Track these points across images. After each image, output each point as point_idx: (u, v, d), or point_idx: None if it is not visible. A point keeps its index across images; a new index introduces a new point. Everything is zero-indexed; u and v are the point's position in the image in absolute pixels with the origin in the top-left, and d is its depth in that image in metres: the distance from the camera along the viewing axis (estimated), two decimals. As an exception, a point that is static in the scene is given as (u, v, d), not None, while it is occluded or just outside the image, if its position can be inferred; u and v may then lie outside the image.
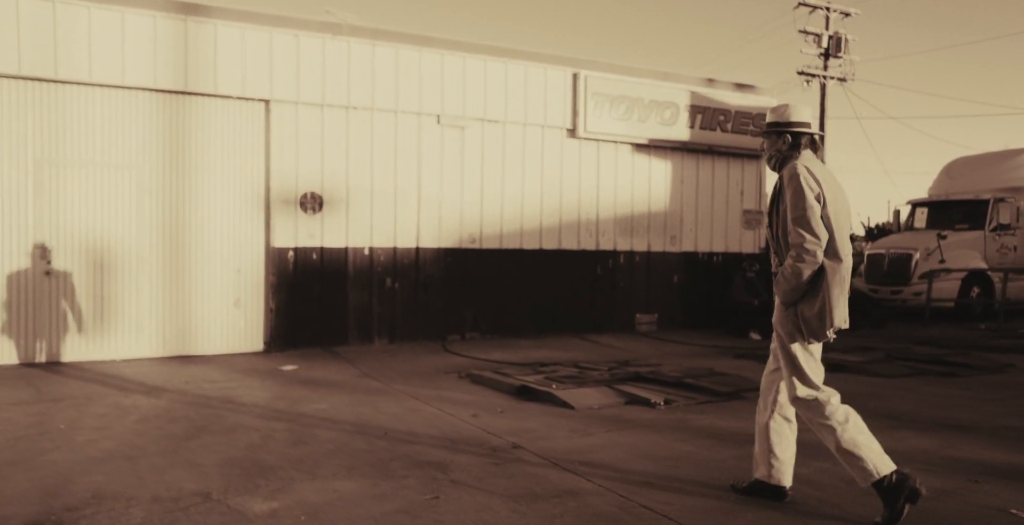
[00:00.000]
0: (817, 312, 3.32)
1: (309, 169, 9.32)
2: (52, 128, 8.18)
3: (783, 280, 3.39)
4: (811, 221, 3.32)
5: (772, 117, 3.66)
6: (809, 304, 3.35)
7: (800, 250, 3.33)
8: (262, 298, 9.20)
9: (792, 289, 3.37)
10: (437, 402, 6.27)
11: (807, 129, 3.57)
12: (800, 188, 3.36)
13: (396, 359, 8.84)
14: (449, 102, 10.11)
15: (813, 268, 3.33)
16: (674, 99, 11.57)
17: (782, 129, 3.59)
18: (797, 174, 3.40)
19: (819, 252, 3.33)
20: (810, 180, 3.38)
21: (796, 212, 3.36)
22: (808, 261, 3.32)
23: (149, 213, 8.62)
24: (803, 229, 3.33)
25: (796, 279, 3.34)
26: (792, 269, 3.34)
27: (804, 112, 3.62)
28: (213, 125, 8.92)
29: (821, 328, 3.34)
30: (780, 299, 3.47)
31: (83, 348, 8.35)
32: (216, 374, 7.69)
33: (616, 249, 11.52)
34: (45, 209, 8.16)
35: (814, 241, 3.32)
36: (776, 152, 3.61)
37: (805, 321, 3.36)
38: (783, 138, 3.58)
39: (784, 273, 3.39)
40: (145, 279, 8.60)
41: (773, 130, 3.62)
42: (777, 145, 3.60)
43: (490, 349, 9.64)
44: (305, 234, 9.31)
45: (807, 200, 3.34)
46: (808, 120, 3.62)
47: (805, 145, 3.55)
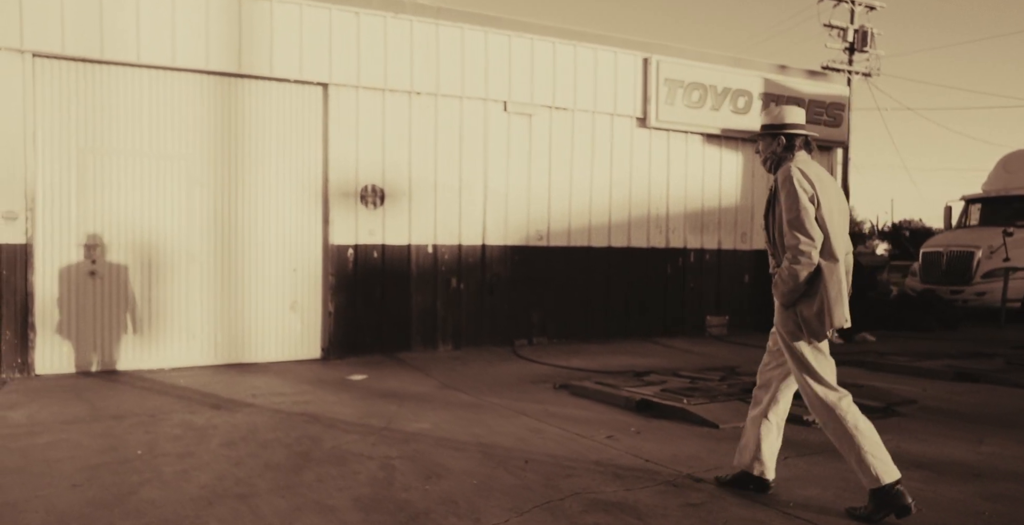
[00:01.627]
0: (816, 312, 3.35)
1: (369, 159, 8.56)
2: (96, 114, 7.42)
3: (781, 282, 3.43)
4: (805, 223, 3.35)
5: (766, 119, 3.70)
6: (808, 305, 3.39)
7: (796, 252, 3.35)
8: (319, 300, 8.44)
9: (790, 291, 3.40)
10: (552, 419, 5.51)
11: (800, 130, 3.61)
12: (794, 190, 3.39)
13: (469, 367, 8.09)
14: (516, 88, 9.35)
15: (809, 269, 3.35)
16: (747, 86, 10.82)
17: (776, 131, 3.62)
18: (791, 176, 3.43)
19: (814, 253, 3.34)
20: (804, 182, 3.41)
21: (790, 214, 3.39)
22: (804, 263, 3.34)
23: (200, 207, 7.85)
24: (798, 231, 3.36)
25: (793, 281, 3.36)
26: (789, 271, 3.37)
27: (798, 114, 3.66)
28: (268, 111, 8.15)
29: (821, 328, 3.37)
30: (779, 301, 3.50)
31: (133, 356, 7.58)
32: (282, 385, 6.93)
33: (686, 247, 10.77)
34: (89, 203, 7.40)
35: (809, 243, 3.34)
36: (771, 154, 3.65)
37: (805, 321, 3.39)
38: (777, 140, 3.62)
39: (781, 275, 3.42)
40: (196, 280, 7.84)
41: (768, 132, 3.66)
42: (772, 147, 3.64)
43: (563, 355, 8.89)
44: (366, 230, 8.55)
45: (801, 202, 3.37)
46: (801, 121, 3.65)
47: (799, 146, 3.59)
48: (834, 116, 11.59)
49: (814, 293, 3.37)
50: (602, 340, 10.05)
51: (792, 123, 3.64)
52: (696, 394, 5.77)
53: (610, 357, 8.85)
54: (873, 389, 6.30)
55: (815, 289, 3.37)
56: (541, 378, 7.45)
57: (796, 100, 11.21)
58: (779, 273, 3.45)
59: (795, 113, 3.66)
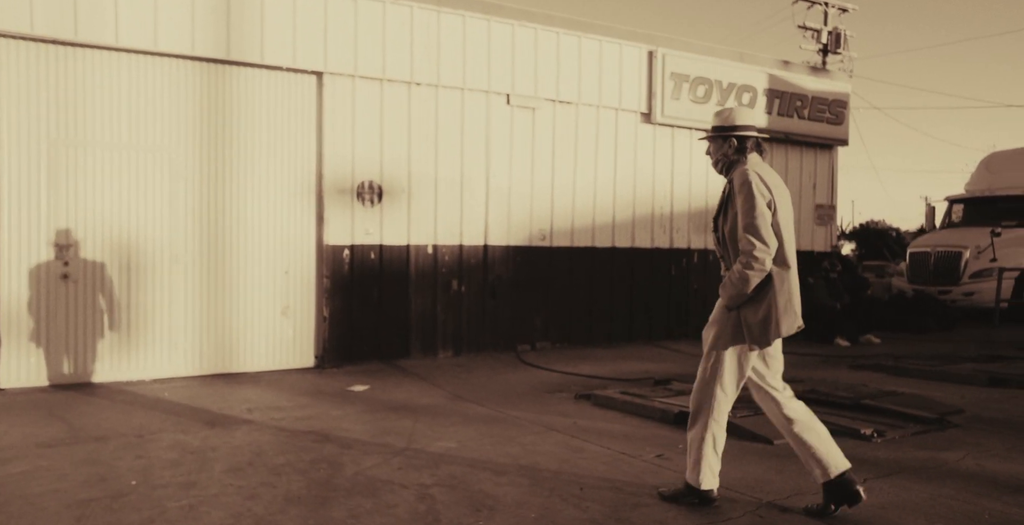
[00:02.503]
0: (761, 319, 3.29)
1: (367, 154, 8.01)
2: (70, 102, 6.76)
3: (730, 285, 3.34)
4: (761, 229, 3.28)
5: (716, 121, 3.61)
6: (753, 310, 3.31)
7: (750, 257, 3.27)
8: (313, 305, 7.86)
9: (737, 295, 3.32)
10: (588, 436, 5.05)
11: (752, 132, 3.52)
12: (752, 194, 3.31)
13: (475, 375, 7.60)
14: (520, 80, 8.88)
15: (762, 276, 3.28)
16: (752, 82, 10.50)
17: (727, 133, 3.53)
18: (749, 181, 3.35)
19: (768, 260, 3.28)
20: (762, 187, 3.34)
21: (747, 219, 3.31)
22: (757, 269, 3.27)
23: (184, 204, 7.23)
24: (754, 236, 3.28)
25: (743, 285, 3.29)
26: (740, 275, 3.29)
27: (749, 115, 3.58)
28: (258, 101, 7.56)
29: (764, 336, 3.30)
30: (724, 303, 3.42)
31: (110, 366, 6.93)
32: (277, 398, 6.36)
33: (690, 247, 10.41)
34: (61, 200, 6.73)
35: (764, 249, 3.26)
36: (723, 156, 3.56)
37: (748, 327, 3.31)
38: (728, 142, 3.53)
39: (731, 279, 3.34)
40: (179, 283, 7.21)
41: (718, 134, 3.57)
42: (723, 149, 3.55)
43: (570, 361, 8.45)
44: (362, 230, 8.00)
45: (759, 207, 3.29)
46: (752, 123, 3.56)
47: (751, 149, 3.51)
48: (836, 113, 11.34)
49: (761, 299, 3.30)
50: (606, 344, 9.63)
51: (743, 125, 3.53)
52: (737, 405, 5.35)
53: (620, 363, 8.43)
54: (913, 397, 5.96)
55: (763, 296, 3.30)
56: (555, 387, 7.00)
57: (799, 96, 10.93)
58: (729, 276, 3.37)
59: (746, 115, 3.57)
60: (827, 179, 11.75)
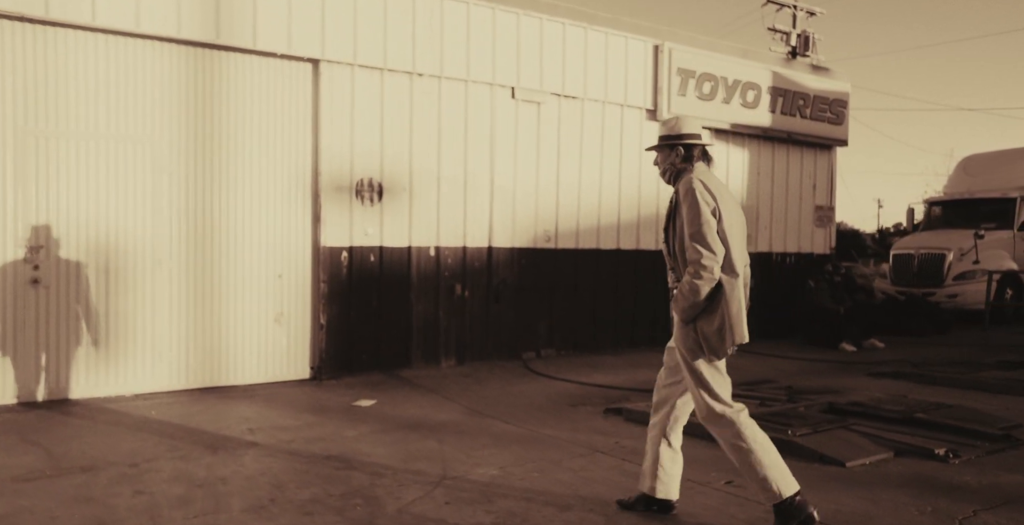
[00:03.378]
0: (716, 328, 3.25)
1: (366, 149, 7.45)
2: (40, 86, 6.06)
3: (681, 297, 3.31)
4: (707, 237, 3.24)
5: (663, 130, 3.59)
6: (708, 321, 3.28)
7: (698, 266, 3.23)
8: (309, 311, 7.27)
9: (691, 306, 3.28)
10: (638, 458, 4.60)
11: (698, 141, 3.51)
12: (696, 203, 3.29)
13: (485, 387, 7.10)
14: (525, 72, 8.40)
15: (711, 285, 3.24)
16: (756, 79, 10.20)
17: (674, 142, 3.52)
18: (693, 189, 3.32)
19: (717, 268, 3.23)
20: (706, 194, 3.31)
21: (693, 227, 3.28)
22: (706, 277, 3.23)
23: (168, 201, 6.58)
24: (700, 245, 3.24)
25: (694, 296, 3.25)
26: (690, 286, 3.25)
27: (695, 124, 3.57)
28: (249, 89, 6.94)
29: (721, 345, 3.26)
30: (679, 317, 3.39)
31: (87, 381, 6.25)
32: (279, 415, 5.78)
33: (694, 249, 10.04)
34: (31, 196, 6.03)
35: (711, 257, 3.23)
36: (670, 166, 3.56)
37: (705, 338, 3.28)
38: (675, 151, 3.52)
39: (682, 290, 3.30)
40: (163, 288, 6.55)
41: (665, 143, 3.56)
42: (670, 158, 3.55)
43: (581, 369, 8.01)
44: (361, 230, 7.43)
45: (703, 215, 3.26)
46: (699, 132, 3.55)
47: (698, 157, 3.50)
48: (837, 113, 11.13)
49: (715, 309, 3.26)
50: (613, 351, 9.21)
51: (689, 134, 3.51)
52: (795, 422, 4.97)
53: (632, 372, 8.02)
54: (965, 410, 5.66)
55: (716, 305, 3.25)
56: (576, 399, 6.55)
57: (802, 95, 10.68)
58: (679, 288, 3.32)
59: (692, 124, 3.56)
60: (826, 180, 11.54)
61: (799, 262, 11.22)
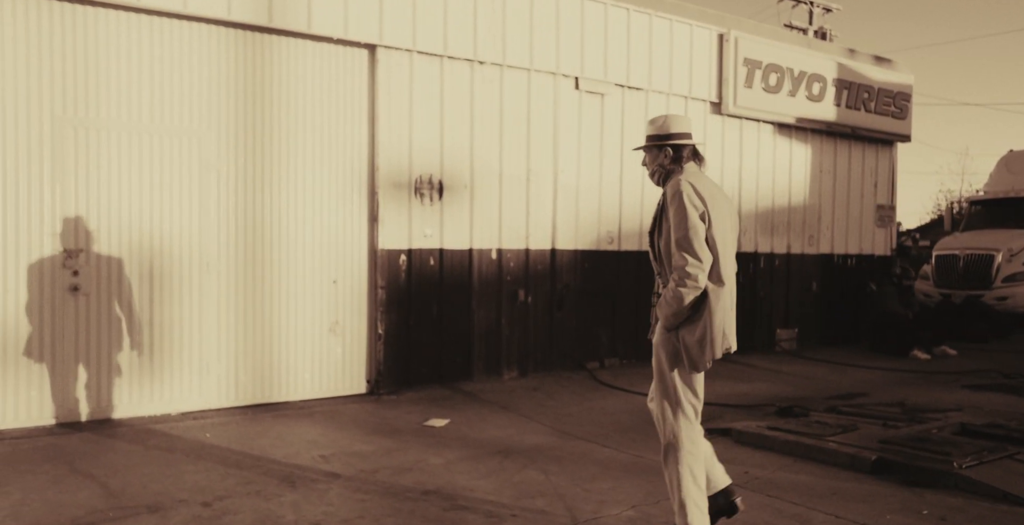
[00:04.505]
0: (698, 339, 3.11)
1: (425, 143, 6.86)
2: (80, 72, 5.46)
3: (665, 304, 3.16)
4: (694, 243, 3.08)
5: (651, 130, 3.40)
6: (690, 330, 3.13)
7: (682, 274, 3.08)
8: (365, 320, 6.67)
9: (674, 314, 3.13)
10: (785, 493, 4.03)
11: (688, 141, 3.33)
12: (683, 206, 3.10)
13: (559, 402, 6.52)
14: (589, 61, 7.82)
15: (696, 293, 3.09)
16: (822, 71, 9.63)
17: (663, 142, 3.34)
18: (680, 191, 3.13)
19: (702, 276, 3.09)
20: (694, 198, 3.12)
21: (679, 233, 3.11)
22: (691, 286, 3.08)
23: (216, 200, 5.98)
24: (686, 252, 3.08)
25: (678, 304, 3.10)
26: (674, 294, 3.10)
27: (684, 123, 3.38)
28: (303, 78, 6.34)
29: (700, 356, 3.12)
30: (662, 323, 3.24)
31: (130, 398, 5.65)
32: (349, 438, 5.19)
33: (757, 251, 9.48)
34: (69, 194, 5.43)
35: (697, 265, 3.07)
36: (659, 167, 3.37)
37: (686, 348, 3.14)
38: (664, 151, 3.33)
39: (667, 297, 3.15)
40: (210, 295, 5.96)
41: (653, 143, 3.37)
42: (659, 159, 3.36)
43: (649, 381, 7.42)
44: (420, 231, 6.84)
45: (690, 220, 3.09)
46: (689, 131, 3.36)
47: (688, 158, 3.32)
48: (900, 107, 10.56)
49: (698, 319, 3.10)
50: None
51: (678, 133, 3.32)
52: (950, 450, 4.38)
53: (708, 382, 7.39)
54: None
55: (699, 315, 3.10)
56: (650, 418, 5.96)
57: (866, 88, 10.10)
58: (664, 294, 3.17)
59: (681, 122, 3.36)
60: (888, 177, 10.97)
61: (860, 264, 10.65)
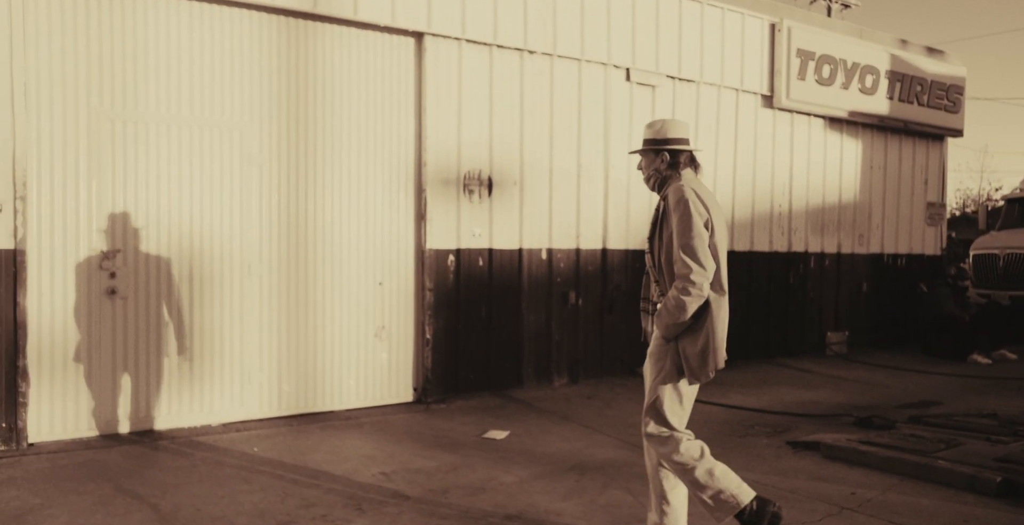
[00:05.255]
0: (700, 350, 3.00)
1: (474, 137, 6.50)
2: (117, 63, 5.12)
3: (666, 314, 3.02)
4: (698, 250, 2.98)
5: (648, 133, 3.29)
6: (691, 340, 3.02)
7: (687, 282, 2.97)
8: (412, 324, 6.31)
9: (675, 324, 3.01)
10: (909, 519, 3.65)
11: (686, 146, 3.24)
12: (689, 213, 3.00)
13: (616, 410, 6.15)
14: (641, 51, 7.45)
15: (700, 302, 2.98)
16: (875, 62, 9.23)
17: (660, 146, 3.23)
18: (686, 198, 3.03)
19: (707, 285, 2.98)
20: (699, 205, 3.03)
21: (684, 240, 2.99)
22: (695, 294, 2.97)
23: (258, 198, 5.63)
24: (691, 259, 2.97)
25: (680, 313, 2.98)
26: (676, 302, 2.98)
27: (683, 129, 3.27)
28: (349, 68, 5.99)
29: (703, 368, 3.01)
30: (661, 333, 3.10)
31: (170, 409, 5.31)
32: (406, 452, 4.83)
33: (807, 251, 9.09)
34: (106, 191, 5.09)
35: (702, 272, 2.97)
36: (655, 172, 3.28)
37: (687, 359, 3.02)
38: (660, 156, 3.24)
39: (668, 306, 3.02)
40: (253, 298, 5.61)
41: (650, 147, 3.26)
42: (655, 164, 3.26)
43: (707, 388, 7.03)
44: (469, 230, 6.48)
45: (696, 227, 2.98)
46: (687, 137, 3.26)
47: (685, 164, 3.23)
48: (953, 101, 10.15)
49: (699, 328, 3.02)
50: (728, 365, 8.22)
51: (676, 138, 3.22)
52: None
53: (770, 390, 7.07)
54: None
55: (701, 324, 3.02)
56: (735, 427, 5.60)
57: (919, 80, 9.70)
58: (664, 303, 3.06)
59: (679, 127, 3.26)
60: (938, 174, 10.57)
61: (910, 264, 10.25)
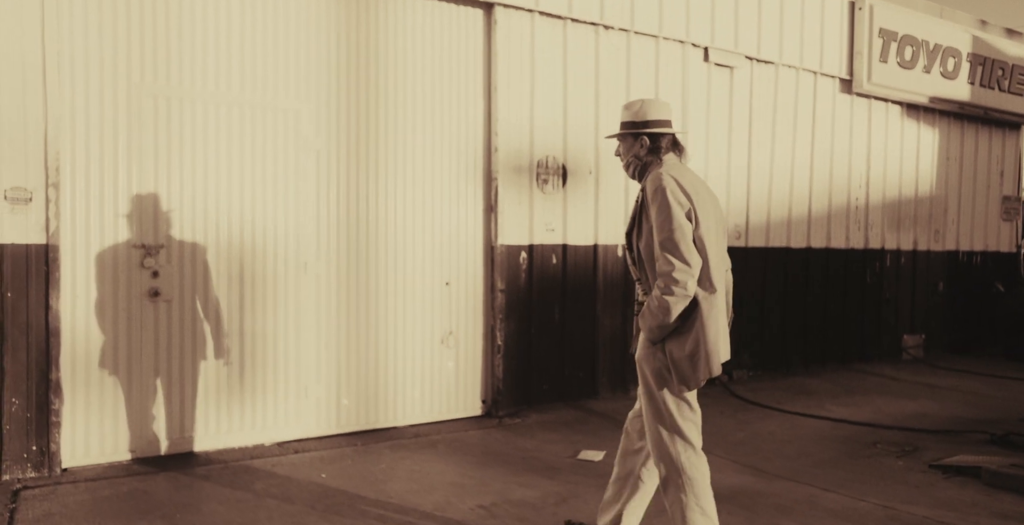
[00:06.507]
0: (689, 354, 2.68)
1: (547, 120, 5.85)
2: (160, 35, 4.47)
3: (650, 315, 2.72)
4: (680, 245, 2.66)
5: (626, 115, 2.95)
6: (679, 343, 2.70)
7: (668, 280, 2.65)
8: (480, 328, 5.67)
9: (659, 326, 2.71)
10: None
11: (668, 129, 2.90)
12: (667, 204, 2.69)
13: (710, 423, 5.38)
14: (720, 30, 6.79)
15: (685, 302, 2.66)
16: (956, 44, 8.57)
17: (639, 130, 2.90)
18: (663, 187, 2.72)
19: (691, 283, 2.66)
20: (679, 194, 2.71)
21: (663, 234, 2.69)
22: (678, 294, 2.65)
23: (315, 188, 4.98)
24: (672, 255, 2.66)
25: (664, 315, 2.67)
26: (660, 303, 2.67)
27: (664, 109, 2.92)
28: (411, 42, 5.34)
29: (693, 373, 2.69)
30: (646, 336, 2.79)
31: (218, 426, 4.66)
32: (499, 479, 4.19)
33: (884, 247, 8.44)
34: (148, 177, 4.44)
35: (685, 269, 2.65)
36: (634, 158, 2.94)
37: (675, 364, 2.71)
38: (640, 141, 2.90)
39: (650, 307, 2.71)
40: (309, 300, 4.96)
41: (628, 131, 2.93)
42: (634, 149, 2.93)
43: (792, 396, 6.44)
44: (542, 224, 5.84)
45: (676, 220, 2.67)
46: (668, 118, 2.91)
47: (667, 148, 2.89)
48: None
49: (687, 330, 2.68)
50: (804, 371, 7.61)
51: (656, 120, 2.91)
52: None
53: (862, 399, 6.43)
54: None
55: (689, 326, 2.67)
56: (853, 445, 4.96)
57: (1000, 64, 9.04)
58: (647, 303, 2.73)
59: (661, 108, 2.93)
60: (1014, 165, 9.90)
61: (986, 262, 9.59)
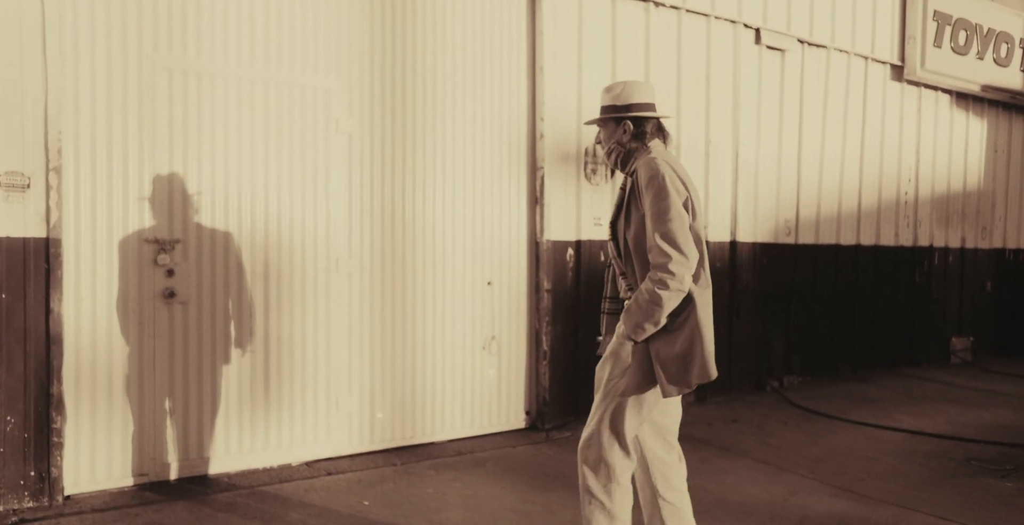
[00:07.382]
0: (679, 353, 2.43)
1: (595, 103, 5.34)
2: (176, 1, 3.95)
3: (637, 310, 2.43)
4: (678, 236, 2.40)
5: (607, 99, 2.68)
6: (668, 342, 2.45)
7: (664, 273, 2.39)
8: (524, 332, 5.17)
9: (648, 323, 2.42)
10: None
11: (652, 113, 2.63)
12: (665, 192, 2.44)
13: (778, 438, 5.02)
14: (772, 9, 6.32)
15: (680, 296, 2.42)
16: (1009, 29, 8.13)
17: (621, 114, 2.63)
18: (661, 174, 2.46)
19: (688, 276, 2.42)
20: (676, 182, 2.48)
21: (660, 223, 2.43)
22: (673, 287, 2.39)
23: (347, 175, 4.46)
24: (670, 246, 2.40)
25: (655, 310, 2.40)
26: (652, 297, 2.39)
27: (648, 92, 2.65)
28: (453, 20, 4.83)
29: (684, 377, 2.43)
30: (629, 334, 2.47)
31: (240, 445, 4.14)
32: (559, 504, 3.70)
33: (932, 245, 7.98)
34: (162, 162, 3.91)
35: (683, 262, 2.39)
36: (616, 145, 2.67)
37: (663, 365, 2.44)
38: (623, 126, 2.64)
39: (640, 301, 2.43)
40: (340, 302, 4.44)
41: (610, 115, 2.66)
42: (616, 135, 2.66)
43: (850, 405, 5.99)
44: (590, 218, 5.33)
45: (674, 208, 2.43)
46: (653, 101, 2.64)
47: (652, 133, 2.64)
48: None
49: (679, 328, 2.44)
50: (852, 376, 7.15)
51: (640, 103, 2.60)
52: None
53: (928, 408, 5.97)
54: None
55: (682, 324, 2.44)
56: (943, 461, 4.50)
57: (1051, 52, 8.59)
58: (636, 297, 2.44)
59: (644, 91, 2.62)
60: (1058, 159, 9.47)
61: (1031, 260, 9.16)
